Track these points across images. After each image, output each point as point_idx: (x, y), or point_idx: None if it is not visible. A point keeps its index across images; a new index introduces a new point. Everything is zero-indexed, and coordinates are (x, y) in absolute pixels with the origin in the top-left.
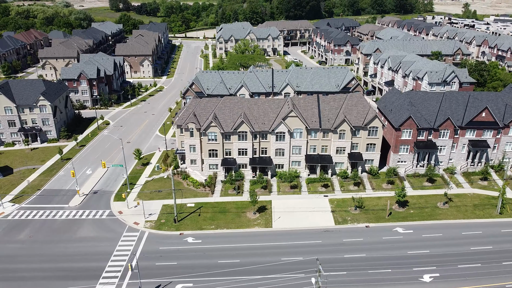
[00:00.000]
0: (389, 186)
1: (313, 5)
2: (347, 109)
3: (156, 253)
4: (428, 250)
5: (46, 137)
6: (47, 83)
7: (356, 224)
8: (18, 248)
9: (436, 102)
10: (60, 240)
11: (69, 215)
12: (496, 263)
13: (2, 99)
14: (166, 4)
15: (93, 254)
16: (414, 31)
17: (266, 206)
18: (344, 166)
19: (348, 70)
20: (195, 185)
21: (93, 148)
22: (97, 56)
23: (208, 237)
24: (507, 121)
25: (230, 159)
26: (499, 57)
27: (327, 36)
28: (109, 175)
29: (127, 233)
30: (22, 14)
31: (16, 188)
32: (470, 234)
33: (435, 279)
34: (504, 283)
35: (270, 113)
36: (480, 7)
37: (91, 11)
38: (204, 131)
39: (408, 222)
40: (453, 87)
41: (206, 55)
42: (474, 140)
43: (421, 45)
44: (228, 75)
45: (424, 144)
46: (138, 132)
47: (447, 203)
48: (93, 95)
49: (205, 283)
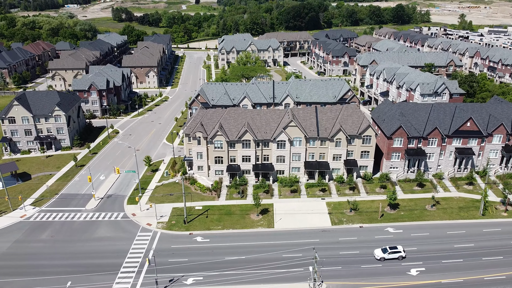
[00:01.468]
0: (382, 190)
1: (312, 16)
2: (343, 119)
3: (169, 251)
4: (416, 248)
5: (60, 145)
6: (61, 94)
7: (351, 224)
8: (41, 246)
9: (425, 113)
10: (79, 239)
11: (86, 217)
12: (477, 259)
13: (20, 110)
14: (168, 15)
15: (111, 252)
16: (410, 42)
17: (268, 208)
18: (340, 172)
19: (344, 82)
20: (202, 190)
21: (105, 156)
22: (106, 68)
23: (215, 237)
24: (491, 130)
25: (234, 166)
26: (490, 68)
27: (326, 48)
28: (121, 180)
29: (141, 233)
30: (28, 25)
31: (35, 192)
32: (454, 233)
33: (421, 272)
34: (482, 276)
35: (272, 123)
36: (477, 17)
37: (94, 22)
38: (210, 140)
39: (399, 223)
40: (444, 98)
41: (208, 66)
42: (460, 147)
43: (416, 57)
44: (231, 86)
45: (414, 151)
46: (146, 141)
47: (435, 205)
48: (103, 105)
49: (214, 277)
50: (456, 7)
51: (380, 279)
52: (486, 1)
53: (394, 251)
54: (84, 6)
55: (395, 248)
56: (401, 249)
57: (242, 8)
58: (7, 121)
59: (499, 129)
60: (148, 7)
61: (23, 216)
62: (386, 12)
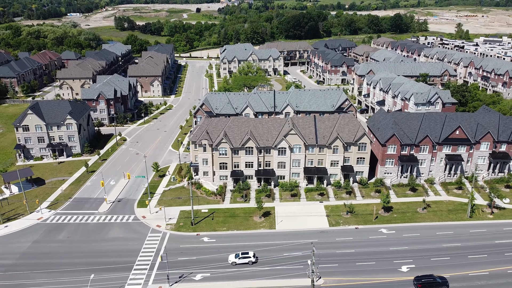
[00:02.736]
0: (377, 194)
1: (312, 25)
2: (340, 128)
3: (178, 250)
4: (407, 247)
5: (71, 151)
6: (72, 103)
7: (347, 226)
8: (58, 246)
9: (417, 122)
10: (94, 240)
11: (99, 219)
12: (463, 257)
13: (34, 118)
14: (169, 24)
15: (124, 251)
16: (407, 51)
17: (270, 211)
18: (337, 177)
19: (341, 92)
20: (207, 194)
21: (114, 162)
22: (113, 77)
23: (221, 237)
24: (478, 138)
25: (238, 171)
26: (484, 77)
27: (325, 57)
28: (130, 185)
29: (151, 234)
30: (33, 34)
31: (50, 196)
32: (443, 234)
33: (411, 269)
34: (467, 272)
35: (273, 131)
36: (474, 26)
37: (97, 30)
38: (215, 147)
39: (392, 224)
40: (437, 107)
41: (210, 75)
42: (450, 154)
43: (411, 67)
44: (234, 96)
45: (407, 158)
46: (153, 148)
47: (426, 208)
48: (110, 113)
49: (220, 273)
50: (454, 16)
51: (374, 275)
52: (484, 9)
53: (244, 256)
54: (86, 15)
55: (246, 254)
56: (251, 255)
57: (243, 17)
58: (21, 129)
59: (486, 137)
60: (150, 15)
61: (40, 219)
62: (385, 21)
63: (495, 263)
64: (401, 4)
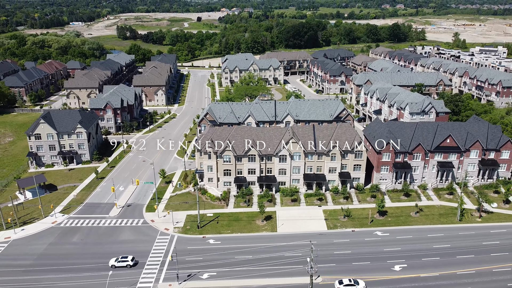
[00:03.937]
0: (372, 199)
1: (311, 35)
2: (338, 136)
3: (185, 251)
4: (400, 248)
5: (81, 159)
6: (82, 113)
7: (344, 229)
8: (73, 248)
9: (411, 131)
10: (106, 242)
11: (110, 223)
12: (452, 257)
13: (45, 127)
14: (171, 33)
15: (135, 252)
16: (404, 61)
17: (271, 215)
18: (335, 183)
19: (339, 102)
20: (212, 199)
21: (122, 169)
22: (120, 87)
23: (226, 239)
24: (468, 146)
25: (241, 177)
26: (478, 87)
27: (324, 67)
28: (139, 191)
29: (160, 236)
30: (37, 44)
31: (63, 201)
32: (434, 236)
33: (403, 268)
34: (455, 271)
35: (274, 139)
36: (471, 35)
37: (100, 39)
38: (220, 154)
39: (386, 227)
40: (431, 116)
41: (212, 84)
42: (441, 161)
43: (407, 77)
44: (236, 105)
45: (401, 165)
46: (159, 155)
47: (418, 212)
48: (117, 122)
49: (226, 272)
50: (452, 25)
51: (369, 274)
52: (481, 18)
53: (123, 260)
54: (88, 24)
55: (125, 257)
56: (129, 259)
57: (243, 26)
58: (34, 137)
59: (475, 145)
60: (151, 24)
61: (54, 222)
62: (383, 31)
63: (481, 262)
64: (400, 13)
